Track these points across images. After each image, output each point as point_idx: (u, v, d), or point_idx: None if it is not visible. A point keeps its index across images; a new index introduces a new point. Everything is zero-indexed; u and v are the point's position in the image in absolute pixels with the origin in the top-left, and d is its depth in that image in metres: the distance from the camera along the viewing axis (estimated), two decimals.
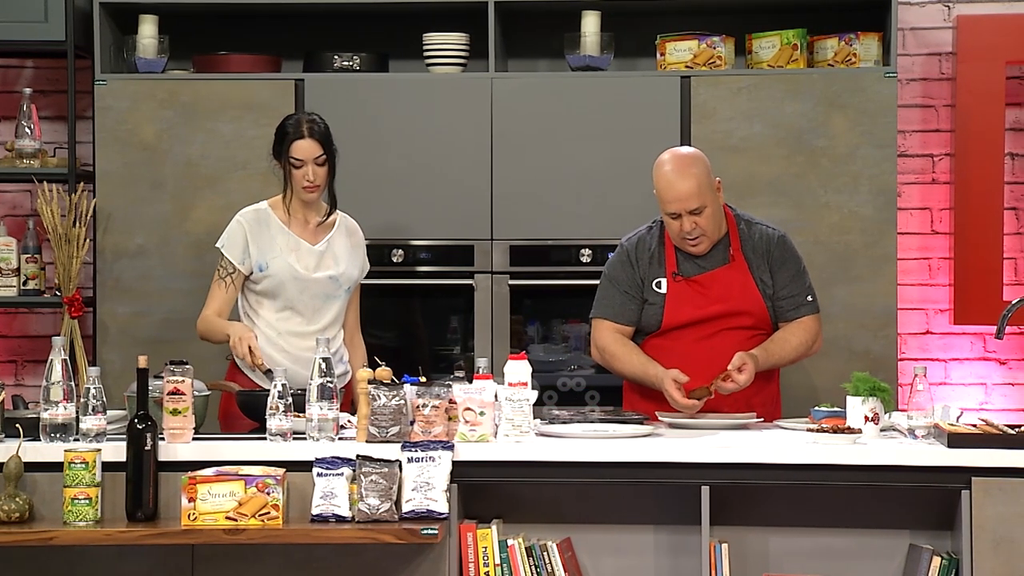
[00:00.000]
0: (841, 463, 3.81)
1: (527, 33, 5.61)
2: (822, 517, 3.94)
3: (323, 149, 4.57)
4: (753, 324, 4.44)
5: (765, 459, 3.83)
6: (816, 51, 5.38)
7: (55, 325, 5.68)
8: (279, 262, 4.59)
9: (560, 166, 5.28)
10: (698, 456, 3.85)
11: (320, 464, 3.77)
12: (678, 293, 4.43)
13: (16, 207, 5.84)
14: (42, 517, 3.81)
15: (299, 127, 4.57)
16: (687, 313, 4.42)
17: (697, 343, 4.41)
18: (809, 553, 3.94)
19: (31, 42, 5.40)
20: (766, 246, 4.46)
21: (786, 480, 3.83)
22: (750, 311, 4.43)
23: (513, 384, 3.90)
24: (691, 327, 4.43)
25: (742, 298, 4.43)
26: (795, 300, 4.46)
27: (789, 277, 4.46)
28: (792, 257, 4.49)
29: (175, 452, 3.84)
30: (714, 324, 4.42)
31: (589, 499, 3.96)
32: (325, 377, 3.86)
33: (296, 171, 4.58)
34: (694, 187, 4.33)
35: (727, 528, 3.91)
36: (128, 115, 5.33)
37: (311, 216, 4.66)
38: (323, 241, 4.65)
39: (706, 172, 4.38)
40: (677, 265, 4.44)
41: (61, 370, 3.85)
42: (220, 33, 5.64)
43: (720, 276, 4.43)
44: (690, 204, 4.33)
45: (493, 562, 3.84)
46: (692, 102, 5.26)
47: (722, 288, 4.43)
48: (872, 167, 5.23)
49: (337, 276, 4.65)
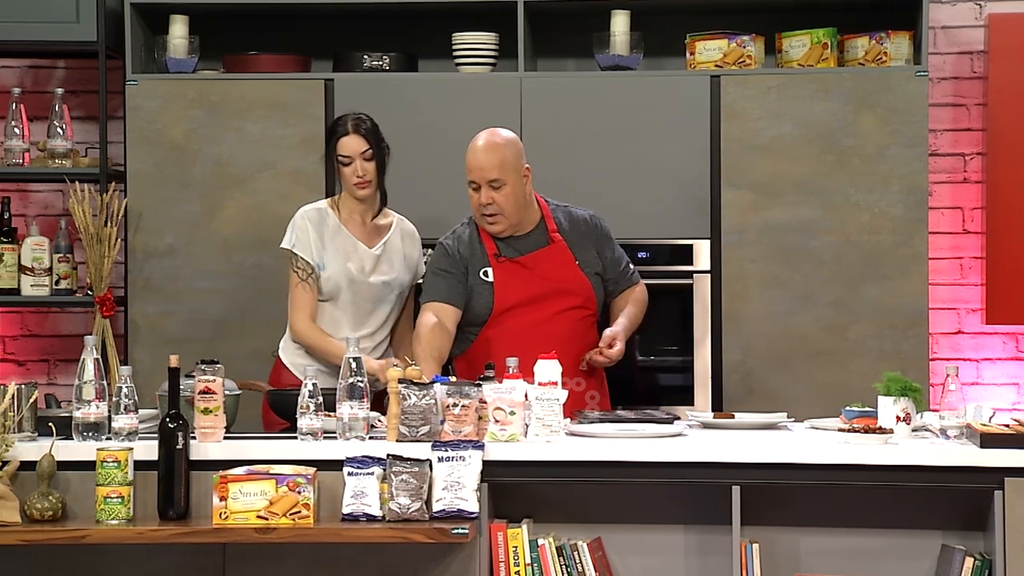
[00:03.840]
0: (872, 463, 3.79)
1: (556, 32, 5.61)
2: (854, 517, 3.93)
3: (369, 144, 4.60)
4: (581, 304, 4.56)
5: (796, 459, 3.82)
6: (846, 50, 5.37)
7: (87, 324, 5.70)
8: (336, 263, 4.60)
9: (589, 165, 5.27)
10: (729, 456, 3.84)
11: (351, 463, 3.78)
12: (504, 274, 4.53)
13: (48, 207, 5.87)
14: (75, 516, 3.82)
15: (345, 124, 4.63)
16: (516, 293, 4.51)
17: (531, 328, 4.48)
18: (840, 553, 3.93)
19: (63, 43, 5.43)
20: (584, 227, 4.61)
21: (817, 480, 3.82)
22: (576, 290, 4.55)
23: (543, 384, 3.90)
24: (522, 309, 4.51)
25: (568, 277, 4.55)
26: (624, 274, 4.67)
27: (614, 254, 4.65)
28: (609, 235, 4.68)
29: (206, 451, 3.86)
30: (544, 305, 4.52)
31: (619, 499, 3.96)
32: (355, 376, 3.86)
33: (345, 168, 4.61)
34: (496, 160, 4.46)
35: (758, 528, 3.90)
36: (158, 115, 5.35)
37: (367, 216, 4.68)
38: (379, 244, 4.67)
39: (515, 154, 4.51)
40: (498, 249, 4.55)
41: (93, 369, 3.87)
42: (250, 33, 5.65)
43: (542, 256, 4.55)
44: (488, 175, 4.46)
45: (524, 562, 3.83)
46: (721, 101, 5.25)
47: (547, 267, 4.55)
48: (903, 166, 5.21)
49: (391, 281, 4.67)
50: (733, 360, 5.23)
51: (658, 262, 5.21)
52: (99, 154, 5.44)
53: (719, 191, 5.26)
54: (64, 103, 5.47)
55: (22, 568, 3.88)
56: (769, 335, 5.23)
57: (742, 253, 5.25)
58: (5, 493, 3.75)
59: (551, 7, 5.38)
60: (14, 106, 5.46)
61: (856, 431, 3.89)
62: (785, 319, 5.23)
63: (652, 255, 5.23)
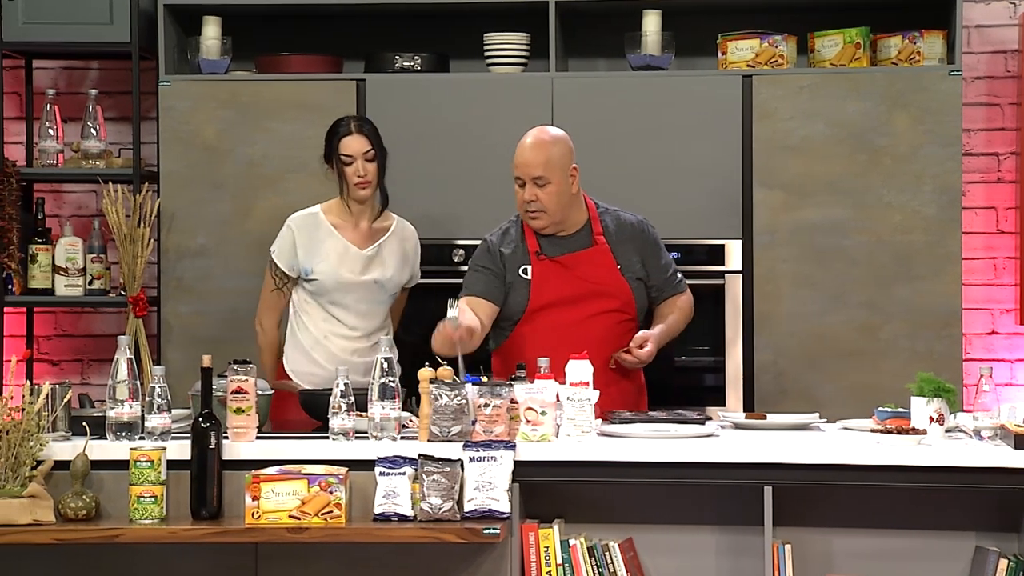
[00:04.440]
0: (905, 464, 3.78)
1: (588, 32, 5.60)
2: (886, 518, 3.91)
3: (371, 144, 4.66)
4: (619, 307, 4.53)
5: (829, 460, 3.81)
6: (879, 49, 5.35)
7: (120, 324, 5.73)
8: (324, 266, 4.66)
9: (620, 166, 5.27)
10: (761, 456, 3.83)
11: (382, 463, 3.78)
12: (543, 272, 4.52)
13: (82, 207, 5.90)
14: (108, 515, 3.84)
15: (347, 125, 4.69)
16: (552, 291, 4.50)
17: (565, 328, 4.47)
18: (873, 554, 3.91)
19: (97, 44, 5.46)
20: (631, 232, 4.59)
21: (850, 481, 3.81)
22: (615, 294, 4.53)
23: (575, 384, 3.90)
24: (558, 309, 4.50)
25: (607, 280, 4.53)
26: (670, 282, 4.63)
27: (660, 263, 4.61)
28: (656, 242, 4.65)
29: (238, 451, 3.87)
30: (580, 307, 4.50)
31: (650, 499, 3.95)
32: (387, 376, 3.87)
33: (347, 168, 4.66)
34: (542, 158, 4.45)
35: (789, 529, 3.89)
36: (191, 116, 5.37)
37: (363, 219, 4.72)
38: (373, 246, 4.71)
39: (562, 153, 4.50)
40: (540, 247, 4.53)
41: (127, 369, 3.88)
42: (282, 34, 5.67)
43: (583, 257, 4.53)
44: (533, 171, 4.44)
45: (555, 562, 3.83)
46: (753, 101, 5.24)
47: (586, 269, 4.53)
48: (936, 166, 5.19)
49: (383, 281, 4.71)
50: (765, 361, 5.22)
51: (690, 262, 5.20)
52: (132, 155, 5.47)
53: (751, 191, 5.25)
54: (98, 104, 5.50)
55: (56, 567, 3.90)
56: (801, 335, 5.21)
57: (774, 253, 5.23)
58: (39, 492, 3.77)
59: (582, 7, 5.38)
60: (48, 107, 5.49)
61: (889, 432, 3.87)
62: (817, 319, 5.21)
63: (684, 255, 5.22)
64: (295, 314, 4.76)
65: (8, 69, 5.70)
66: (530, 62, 5.42)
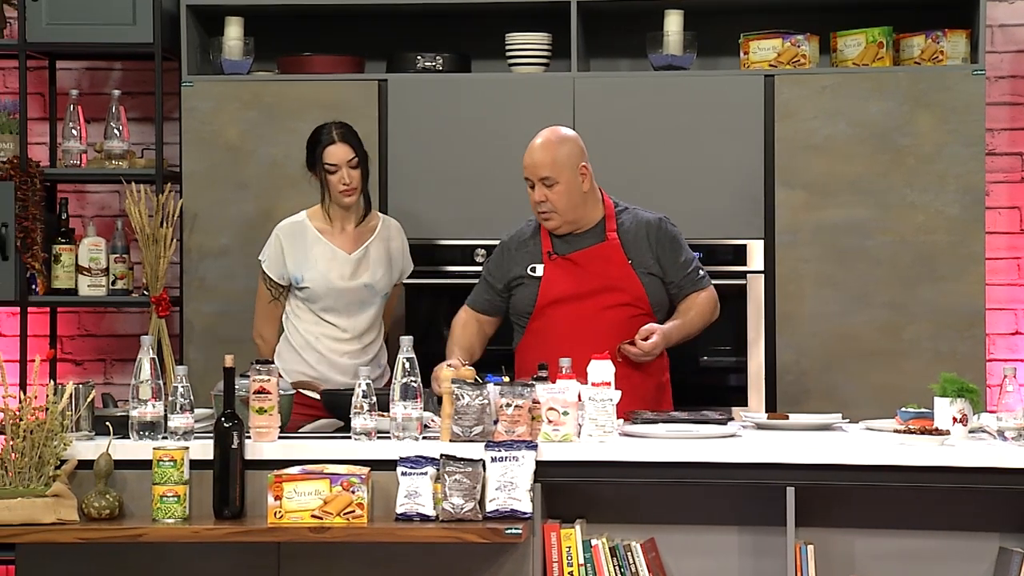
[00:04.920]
0: (929, 465, 3.77)
1: (609, 32, 5.60)
2: (909, 519, 3.90)
3: (355, 152, 4.69)
4: (630, 302, 4.52)
5: (851, 460, 3.80)
6: (902, 49, 5.33)
7: (143, 324, 5.75)
8: (314, 273, 4.69)
9: (642, 166, 5.26)
10: (783, 457, 3.82)
11: (404, 463, 3.79)
12: (553, 271, 4.54)
13: (105, 208, 5.92)
14: (131, 514, 3.85)
15: (329, 133, 4.72)
16: (561, 288, 4.52)
17: (575, 323, 4.48)
18: (896, 555, 3.90)
19: (119, 44, 5.47)
20: (646, 230, 4.57)
21: (873, 481, 3.80)
22: (625, 288, 4.52)
23: (596, 384, 3.90)
24: (567, 304, 4.51)
25: (617, 275, 4.52)
26: (690, 279, 4.59)
27: (678, 260, 4.57)
28: (674, 239, 4.60)
29: (261, 451, 3.88)
30: (590, 302, 4.51)
31: (673, 499, 3.95)
32: (409, 376, 3.87)
33: (331, 176, 4.69)
34: (548, 159, 4.46)
35: (812, 529, 3.88)
36: (213, 116, 5.38)
37: (348, 223, 4.76)
38: (360, 248, 4.75)
39: (570, 153, 4.50)
40: (552, 246, 4.55)
41: (149, 369, 3.89)
42: (304, 34, 5.68)
43: (594, 253, 4.54)
44: (540, 172, 4.46)
45: (577, 562, 3.83)
46: (776, 101, 5.23)
47: (597, 265, 4.52)
48: (959, 166, 5.17)
49: (372, 284, 4.75)
50: (787, 361, 5.21)
51: (712, 262, 5.19)
52: (155, 155, 5.48)
53: (773, 191, 5.23)
54: (120, 104, 5.52)
55: (80, 566, 3.91)
56: (823, 336, 5.20)
57: (796, 253, 5.22)
58: (63, 492, 3.79)
59: (604, 7, 5.38)
60: (72, 108, 5.51)
61: (912, 432, 3.86)
62: (839, 320, 5.20)
63: (705, 255, 5.20)
64: (287, 320, 4.79)
65: (32, 70, 5.72)
66: (552, 62, 5.42)
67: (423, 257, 5.12)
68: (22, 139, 5.46)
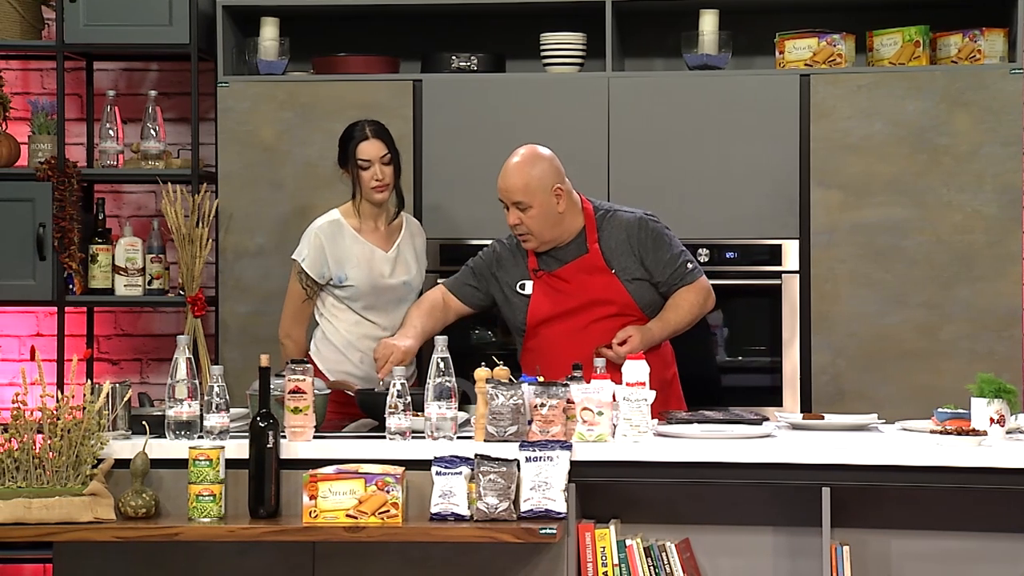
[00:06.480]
0: (965, 465, 3.75)
1: (644, 32, 5.59)
2: (946, 520, 3.88)
3: (387, 148, 4.69)
4: (618, 311, 4.50)
5: (887, 461, 3.78)
6: (939, 48, 5.30)
7: (179, 324, 5.77)
8: (357, 272, 4.69)
9: (677, 166, 5.25)
10: (819, 457, 3.81)
11: (439, 463, 3.79)
12: (540, 289, 4.53)
13: (141, 208, 5.95)
14: (167, 513, 3.87)
15: (363, 130, 4.72)
16: (549, 307, 4.51)
17: (565, 339, 4.47)
18: (932, 556, 3.88)
19: (156, 45, 5.50)
20: (627, 233, 4.52)
21: (909, 482, 3.78)
22: (611, 299, 4.50)
23: (631, 384, 3.90)
24: (557, 321, 4.51)
25: (603, 287, 4.49)
26: (677, 275, 4.53)
27: (662, 258, 4.53)
28: (657, 237, 4.54)
29: (296, 450, 3.89)
30: (579, 317, 4.50)
31: (707, 499, 3.94)
32: (443, 376, 3.88)
33: (364, 173, 4.68)
34: (520, 183, 4.45)
35: (848, 530, 3.87)
36: (249, 116, 5.40)
37: (380, 220, 4.76)
38: (394, 247, 4.75)
39: (541, 175, 4.47)
40: (538, 262, 4.54)
41: (185, 368, 3.91)
42: (339, 35, 5.70)
43: (578, 267, 4.51)
44: (513, 196, 4.47)
45: (611, 562, 3.83)
46: (811, 100, 5.21)
47: (581, 279, 4.51)
48: (996, 165, 5.15)
49: (410, 281, 4.77)
50: (822, 361, 5.19)
51: (746, 262, 5.18)
52: (191, 155, 5.51)
53: (808, 191, 5.22)
54: (157, 105, 5.55)
55: (116, 564, 3.93)
56: (859, 336, 5.18)
57: (831, 253, 5.20)
58: (100, 490, 3.81)
59: (639, 7, 5.37)
60: (108, 108, 5.54)
61: (948, 433, 3.84)
62: (876, 320, 5.18)
63: (740, 255, 5.20)
64: (322, 318, 4.77)
65: (69, 71, 5.76)
66: (586, 62, 5.42)
67: (457, 256, 5.12)
68: (59, 140, 5.50)
